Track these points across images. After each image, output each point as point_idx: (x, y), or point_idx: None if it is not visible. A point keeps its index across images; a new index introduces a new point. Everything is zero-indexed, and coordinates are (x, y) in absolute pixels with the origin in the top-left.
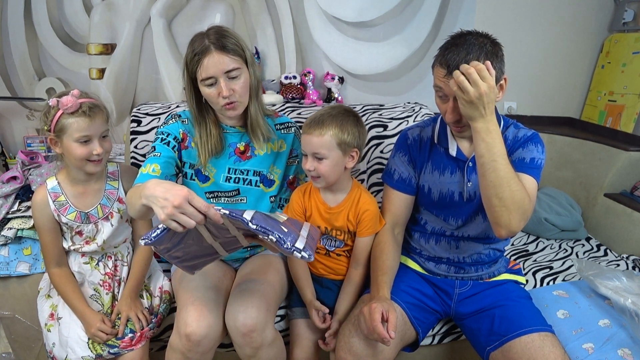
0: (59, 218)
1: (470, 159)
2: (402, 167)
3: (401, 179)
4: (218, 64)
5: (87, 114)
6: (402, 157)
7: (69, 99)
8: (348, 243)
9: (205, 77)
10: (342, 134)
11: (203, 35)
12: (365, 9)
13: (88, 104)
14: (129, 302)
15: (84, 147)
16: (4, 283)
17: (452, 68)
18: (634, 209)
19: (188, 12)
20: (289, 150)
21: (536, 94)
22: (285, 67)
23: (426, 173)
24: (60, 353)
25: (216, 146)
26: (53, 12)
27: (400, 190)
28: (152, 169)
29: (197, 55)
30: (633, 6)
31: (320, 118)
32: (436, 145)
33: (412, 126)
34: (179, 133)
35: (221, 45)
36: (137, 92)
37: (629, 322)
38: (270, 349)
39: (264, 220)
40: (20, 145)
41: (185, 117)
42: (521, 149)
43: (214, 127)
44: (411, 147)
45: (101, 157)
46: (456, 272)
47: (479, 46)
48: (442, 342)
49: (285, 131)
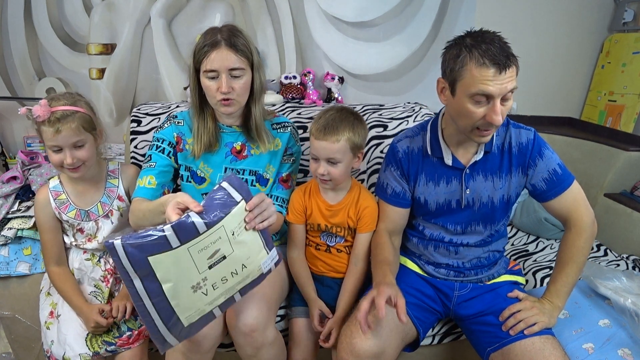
0: (60, 216)
1: (468, 167)
2: (395, 182)
3: (394, 193)
4: (224, 59)
5: (54, 124)
6: (394, 171)
7: (37, 109)
8: (348, 239)
9: (209, 69)
10: (354, 137)
11: (216, 30)
12: (365, 9)
13: (59, 114)
14: (123, 296)
15: (57, 155)
16: (4, 283)
17: (503, 66)
18: (634, 209)
19: (188, 12)
20: (283, 149)
21: (536, 94)
22: (285, 67)
23: (420, 185)
24: (58, 351)
25: (210, 140)
26: (53, 12)
27: (394, 205)
28: (147, 181)
29: (206, 47)
30: (633, 6)
31: (333, 123)
32: (429, 155)
33: (400, 137)
34: (173, 137)
35: (232, 43)
36: (137, 92)
37: (629, 322)
38: (271, 349)
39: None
40: (20, 145)
41: (181, 118)
42: (539, 158)
43: (211, 121)
44: (402, 160)
45: (74, 166)
46: (456, 275)
47: (507, 46)
48: (442, 342)
49: (281, 130)
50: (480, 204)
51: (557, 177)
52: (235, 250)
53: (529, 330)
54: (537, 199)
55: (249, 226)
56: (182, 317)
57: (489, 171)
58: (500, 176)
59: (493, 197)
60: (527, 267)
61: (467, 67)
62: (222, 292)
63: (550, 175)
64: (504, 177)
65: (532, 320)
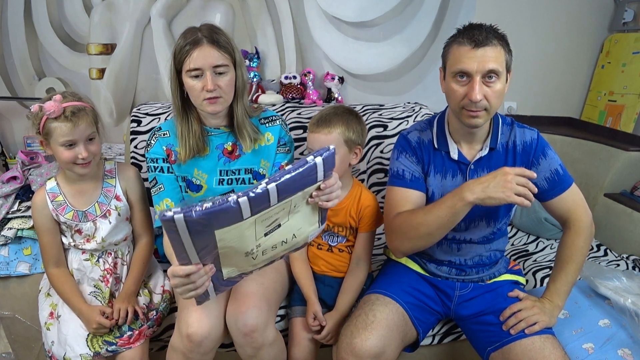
0: (57, 217)
1: (473, 162)
2: (413, 167)
3: (414, 178)
4: (208, 56)
5: (70, 119)
6: (410, 157)
7: (51, 105)
8: (350, 239)
9: (193, 68)
10: (348, 132)
11: (195, 29)
12: (365, 9)
13: (72, 108)
14: (123, 298)
15: (70, 151)
16: (4, 283)
17: (479, 42)
18: (634, 209)
19: (188, 12)
20: (276, 141)
21: (536, 94)
22: (285, 67)
23: (430, 176)
24: (58, 351)
25: (197, 144)
26: (53, 12)
27: (416, 189)
28: (165, 205)
29: (188, 45)
30: (633, 6)
31: (327, 117)
32: (437, 149)
33: (410, 129)
34: (163, 151)
35: (214, 39)
36: (137, 92)
37: (629, 322)
38: (271, 349)
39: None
40: (20, 145)
41: (166, 129)
42: (543, 158)
43: (196, 124)
44: (416, 149)
45: (88, 160)
46: (457, 274)
47: (494, 30)
48: (442, 342)
49: (270, 124)
50: None
51: (558, 177)
52: (290, 220)
53: (530, 330)
54: (538, 198)
55: (313, 201)
56: (225, 271)
57: (493, 168)
58: None
59: None
60: (527, 267)
61: (451, 49)
62: (268, 257)
63: (552, 175)
64: None
65: (532, 319)
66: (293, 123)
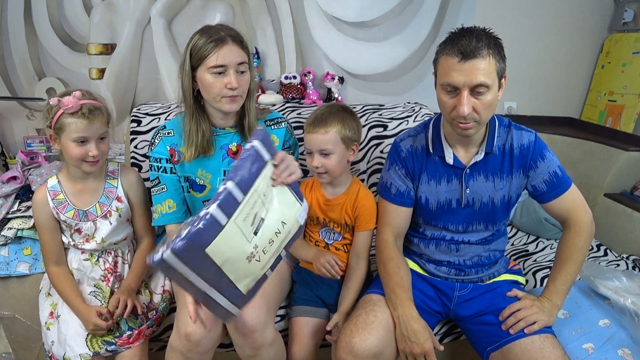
0: (57, 216)
1: (469, 167)
2: (399, 181)
3: (399, 193)
4: (234, 54)
5: (87, 116)
6: (398, 170)
7: (70, 100)
8: (346, 237)
9: (217, 65)
10: (344, 130)
11: (215, 28)
12: (365, 9)
13: (89, 106)
14: (123, 291)
15: (81, 148)
16: (4, 283)
17: (467, 55)
18: (634, 209)
19: (188, 12)
20: (281, 143)
21: (536, 94)
22: (285, 67)
23: (423, 184)
24: (58, 351)
25: (204, 144)
26: (53, 12)
27: (399, 204)
28: (167, 206)
29: (213, 42)
30: (633, 6)
31: (322, 117)
32: (431, 154)
33: (403, 136)
34: (167, 151)
35: (238, 39)
36: (137, 92)
37: (629, 322)
38: (270, 349)
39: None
40: (20, 145)
41: (170, 128)
42: (540, 160)
43: (205, 123)
44: (406, 159)
45: (97, 159)
46: (457, 274)
47: (485, 35)
48: (442, 342)
49: (275, 126)
50: (481, 204)
51: (557, 178)
52: (270, 210)
53: (529, 329)
54: (537, 200)
55: (277, 182)
56: (241, 287)
57: (490, 172)
58: (501, 177)
59: (494, 197)
60: (527, 267)
61: (440, 59)
62: (271, 254)
63: (550, 177)
64: (504, 178)
65: (532, 318)
66: (293, 123)
